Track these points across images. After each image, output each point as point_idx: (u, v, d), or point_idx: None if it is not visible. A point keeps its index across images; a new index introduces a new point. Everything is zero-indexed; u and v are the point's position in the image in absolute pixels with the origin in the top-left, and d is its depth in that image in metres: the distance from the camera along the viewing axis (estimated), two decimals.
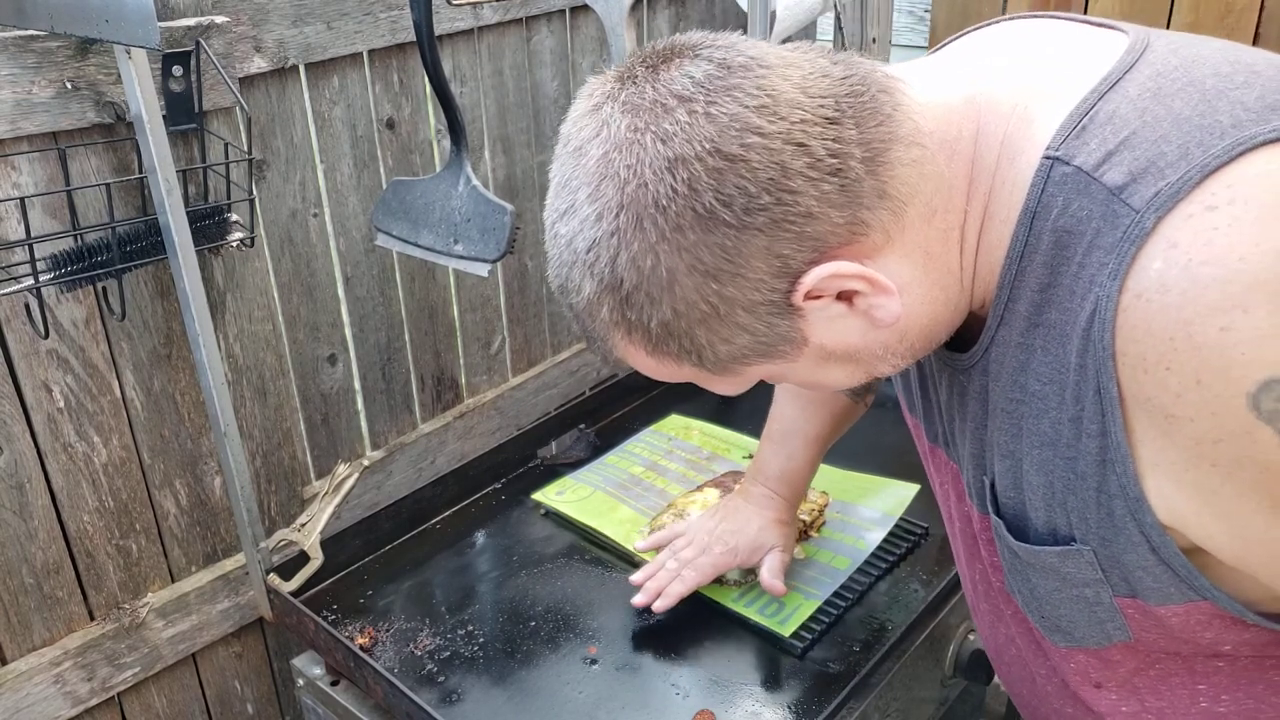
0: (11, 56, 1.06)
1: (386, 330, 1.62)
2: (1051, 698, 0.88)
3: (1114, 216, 0.60)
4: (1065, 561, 0.73)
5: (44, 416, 1.21)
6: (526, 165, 1.77)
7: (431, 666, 1.18)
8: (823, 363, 0.73)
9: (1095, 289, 0.61)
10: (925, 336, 0.73)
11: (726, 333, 0.68)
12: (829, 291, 0.67)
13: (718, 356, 0.71)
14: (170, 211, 1.05)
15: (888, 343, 0.71)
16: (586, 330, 0.74)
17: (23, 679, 1.24)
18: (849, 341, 0.71)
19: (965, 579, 0.96)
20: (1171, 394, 0.59)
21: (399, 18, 1.44)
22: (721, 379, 0.76)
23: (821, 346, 0.71)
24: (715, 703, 1.11)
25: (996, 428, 0.75)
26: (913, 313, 0.70)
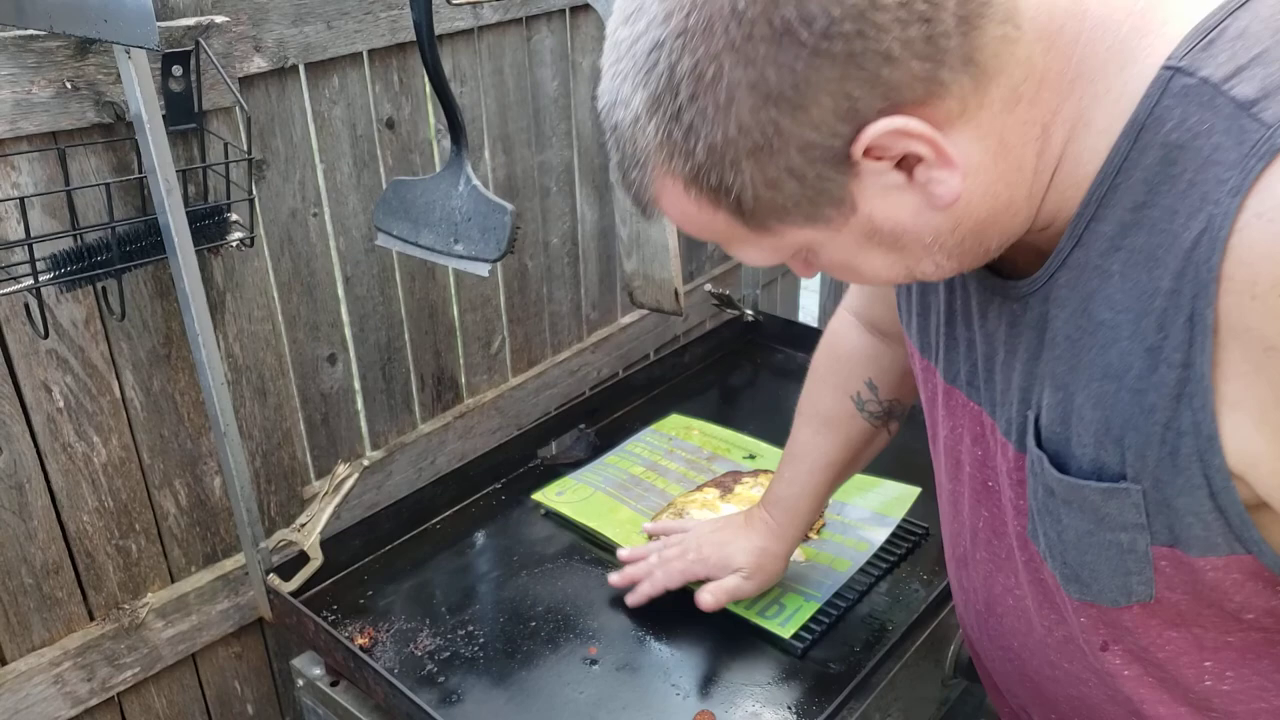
0: (11, 56, 1.06)
1: (386, 330, 1.62)
2: (1049, 650, 0.85)
3: (1241, 132, 0.57)
4: (1108, 500, 0.70)
5: (43, 416, 1.21)
6: (526, 165, 1.77)
7: (431, 667, 1.18)
8: (865, 242, 0.69)
9: (1208, 207, 0.58)
10: (977, 236, 0.69)
11: (774, 173, 0.63)
12: (890, 152, 0.62)
13: (759, 203, 0.65)
14: (170, 211, 1.05)
15: (939, 230, 0.67)
16: (625, 158, 0.69)
17: (22, 679, 1.24)
18: (899, 219, 0.66)
19: (961, 528, 0.93)
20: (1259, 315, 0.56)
21: (399, 17, 1.44)
22: (755, 239, 0.70)
23: (869, 219, 0.66)
24: (715, 703, 1.11)
25: (1053, 358, 0.71)
26: (972, 202, 0.66)
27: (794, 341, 1.91)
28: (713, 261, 2.32)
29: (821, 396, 1.21)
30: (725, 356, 1.92)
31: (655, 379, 1.81)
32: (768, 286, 2.53)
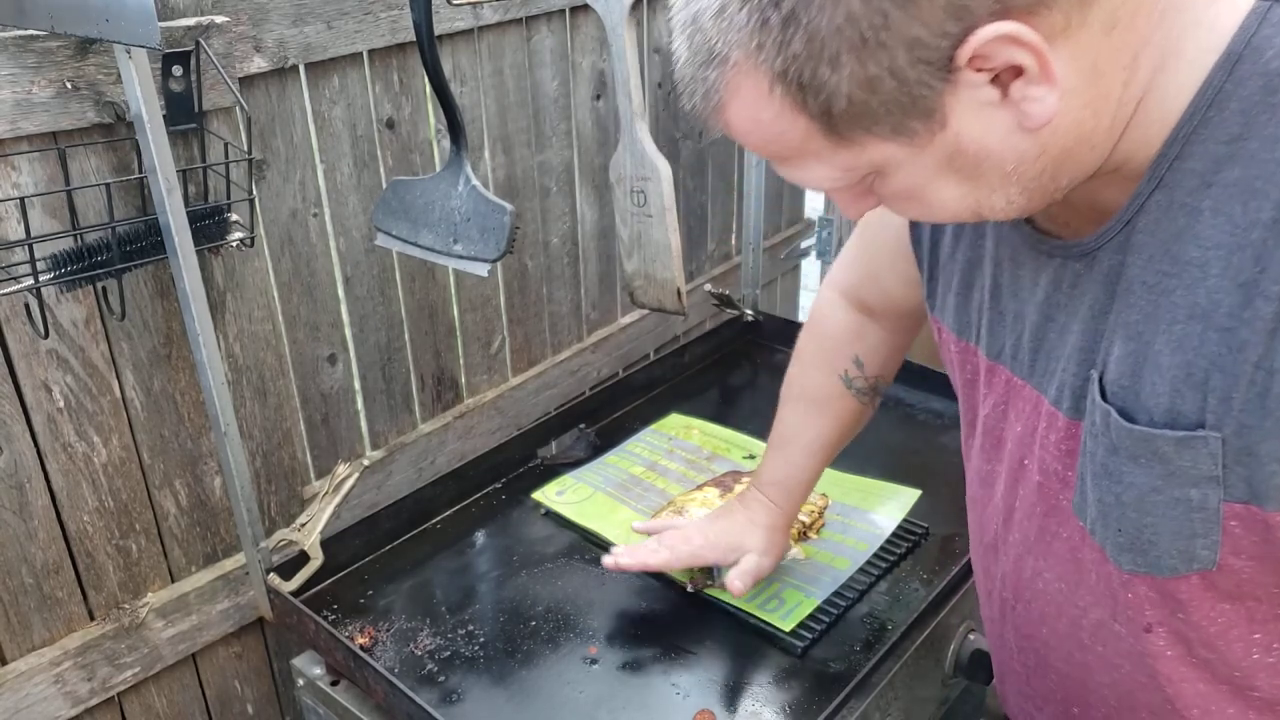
0: (11, 56, 1.06)
1: (386, 330, 1.62)
2: (1081, 634, 0.84)
3: None
4: (1182, 451, 0.67)
5: (44, 416, 1.21)
6: (526, 165, 1.77)
7: (431, 666, 1.18)
8: (944, 167, 0.66)
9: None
10: (1054, 170, 0.67)
11: (875, 71, 0.60)
12: (992, 62, 0.60)
13: (850, 107, 0.62)
14: (170, 211, 1.05)
15: (1022, 156, 0.65)
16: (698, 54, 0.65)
17: (23, 679, 1.24)
18: (985, 141, 0.64)
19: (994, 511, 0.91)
20: None
21: (399, 17, 1.44)
22: (829, 153, 0.67)
23: (956, 138, 0.64)
24: (715, 703, 1.11)
25: (1126, 307, 0.70)
26: (1059, 128, 0.64)
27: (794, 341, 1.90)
28: (713, 261, 2.32)
29: (809, 377, 1.21)
30: (725, 356, 1.92)
31: (655, 379, 1.81)
32: (768, 286, 2.53)
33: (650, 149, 1.48)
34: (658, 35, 2.00)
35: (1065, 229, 0.75)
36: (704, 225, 2.26)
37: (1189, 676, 0.77)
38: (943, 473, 1.49)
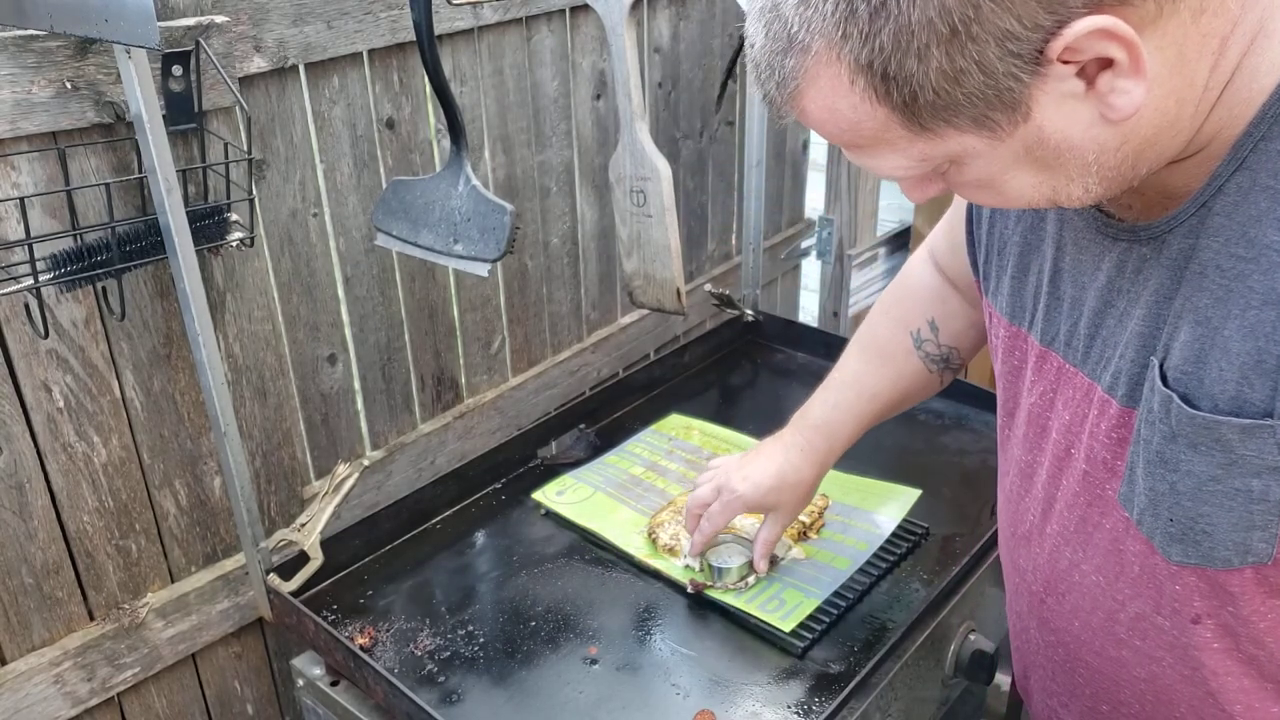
0: (11, 56, 1.06)
1: (386, 330, 1.62)
2: (1118, 628, 0.83)
3: None
4: (1246, 439, 0.66)
5: (44, 416, 1.21)
6: (526, 165, 1.77)
7: (431, 666, 1.18)
8: (1023, 157, 0.65)
9: None
10: (1135, 158, 0.66)
11: (963, 64, 0.59)
12: (1083, 55, 0.59)
13: (935, 98, 0.61)
14: (170, 211, 1.05)
15: (1104, 147, 0.64)
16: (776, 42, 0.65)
17: (22, 679, 1.24)
18: (1068, 133, 0.63)
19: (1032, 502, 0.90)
20: None
21: (399, 17, 1.44)
22: (907, 143, 0.66)
23: (1039, 130, 0.63)
24: (715, 703, 1.11)
25: (1195, 291, 0.69)
26: (1143, 118, 0.63)
27: (794, 341, 1.91)
28: (713, 261, 2.32)
29: (881, 327, 1.19)
30: (725, 356, 1.92)
31: (655, 379, 1.81)
32: (768, 286, 2.53)
33: (650, 149, 1.48)
34: (658, 35, 2.00)
35: (1130, 212, 0.74)
36: (704, 225, 2.26)
37: (1234, 670, 0.76)
38: (943, 473, 1.49)
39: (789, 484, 1.19)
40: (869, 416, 1.18)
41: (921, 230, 2.74)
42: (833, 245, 2.64)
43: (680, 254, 1.53)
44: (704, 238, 2.27)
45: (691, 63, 2.08)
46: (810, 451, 1.19)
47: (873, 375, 1.17)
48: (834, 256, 2.65)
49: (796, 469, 1.19)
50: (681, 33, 2.04)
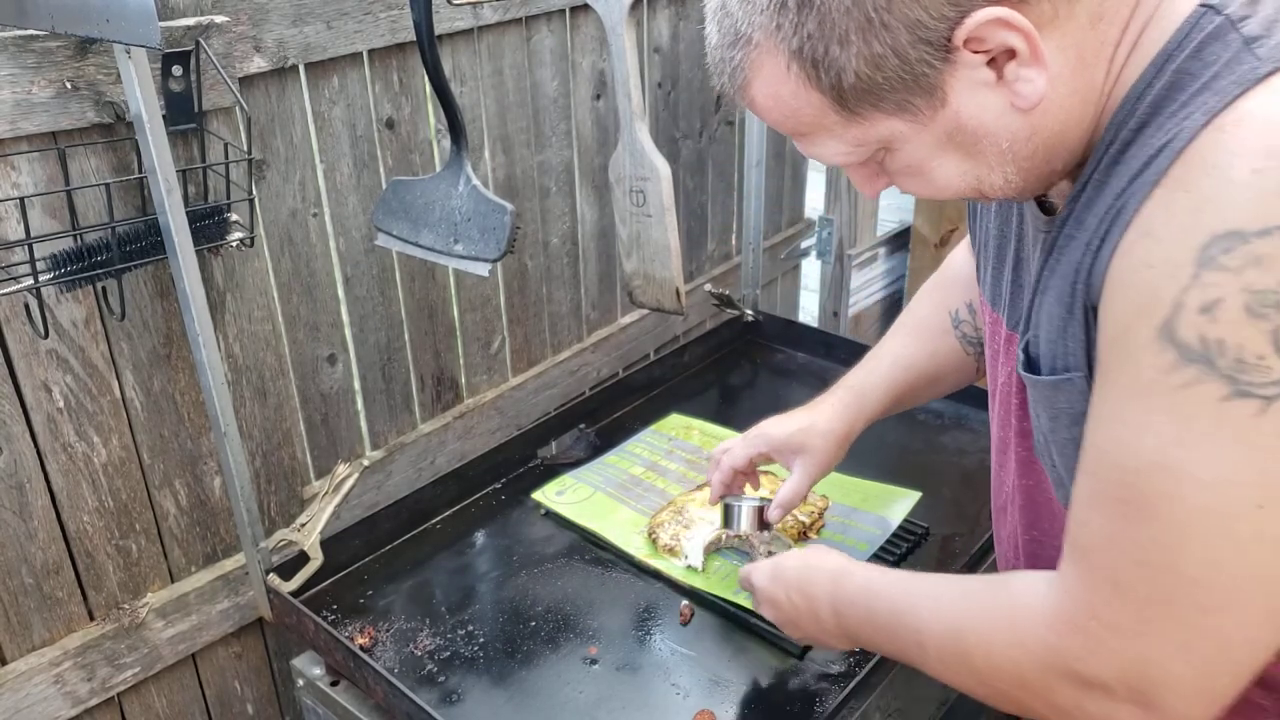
0: (11, 56, 1.06)
1: (386, 330, 1.62)
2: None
3: (1238, 64, 0.61)
4: (1058, 393, 0.75)
5: (44, 416, 1.21)
6: (526, 165, 1.77)
7: (431, 666, 1.18)
8: (945, 143, 0.72)
9: (1185, 124, 0.62)
10: (1047, 152, 0.72)
11: (879, 49, 0.67)
12: (987, 45, 0.66)
13: (858, 82, 0.69)
14: (170, 211, 1.05)
15: (1015, 135, 0.71)
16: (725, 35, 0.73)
17: (22, 679, 1.24)
18: (982, 119, 0.70)
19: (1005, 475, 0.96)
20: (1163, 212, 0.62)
21: (399, 17, 1.44)
22: (841, 128, 0.73)
23: (956, 115, 0.70)
24: (715, 703, 1.11)
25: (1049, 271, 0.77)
26: (1049, 111, 0.69)
27: (794, 341, 1.91)
28: (713, 261, 2.32)
29: (921, 307, 1.23)
30: (725, 356, 1.92)
31: (655, 379, 1.81)
32: (768, 286, 2.53)
33: (649, 149, 1.48)
34: (658, 35, 2.00)
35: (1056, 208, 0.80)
36: (704, 225, 2.26)
37: None
38: (943, 473, 1.49)
39: (818, 431, 1.20)
40: (903, 385, 1.21)
41: (921, 230, 2.74)
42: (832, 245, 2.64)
43: (680, 254, 1.53)
44: (704, 238, 2.27)
45: (691, 63, 2.08)
46: (841, 407, 1.22)
47: (909, 348, 1.21)
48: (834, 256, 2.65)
49: (826, 419, 1.21)
50: (681, 33, 2.04)
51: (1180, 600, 0.65)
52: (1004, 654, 0.76)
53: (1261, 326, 0.58)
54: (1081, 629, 0.70)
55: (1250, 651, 0.66)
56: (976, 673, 0.80)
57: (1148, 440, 0.64)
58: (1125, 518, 0.66)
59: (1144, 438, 0.64)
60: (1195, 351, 0.61)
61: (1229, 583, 0.63)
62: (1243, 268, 0.58)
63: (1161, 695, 0.67)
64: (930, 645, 0.84)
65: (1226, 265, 0.59)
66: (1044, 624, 0.73)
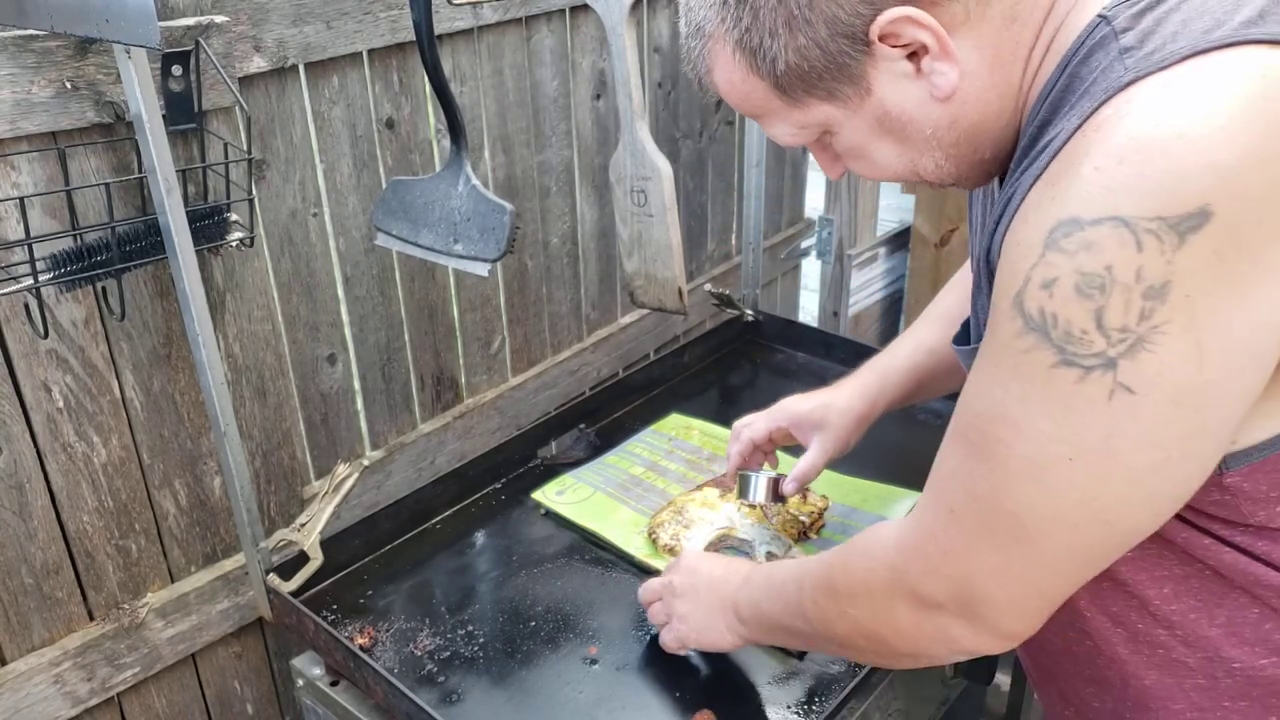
0: (11, 56, 1.06)
1: (386, 330, 1.62)
2: None
3: (1110, 72, 0.67)
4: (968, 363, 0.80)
5: (43, 416, 1.21)
6: (526, 165, 1.77)
7: (431, 666, 1.18)
8: (876, 129, 0.80)
9: (1065, 124, 0.69)
10: (971, 140, 0.79)
11: (803, 42, 0.75)
12: (901, 40, 0.73)
13: (789, 71, 0.77)
14: (170, 211, 1.05)
15: (938, 123, 0.78)
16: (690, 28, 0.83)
17: (22, 679, 1.24)
18: (905, 107, 0.77)
19: None
20: (1035, 198, 0.68)
21: (399, 17, 1.44)
22: (785, 111, 0.81)
23: (881, 103, 0.78)
24: (715, 703, 1.11)
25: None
26: (967, 103, 0.76)
27: (794, 341, 1.91)
28: (713, 261, 2.32)
29: (947, 296, 1.28)
30: (725, 356, 1.92)
31: (655, 379, 1.81)
32: (768, 286, 2.53)
33: (650, 148, 1.48)
34: (658, 35, 2.00)
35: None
36: (704, 225, 2.26)
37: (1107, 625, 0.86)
38: None
39: (837, 408, 1.25)
40: (925, 370, 1.25)
41: (921, 230, 2.74)
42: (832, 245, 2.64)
43: (681, 253, 1.53)
44: (704, 238, 2.27)
45: None
46: (862, 388, 1.26)
47: (932, 333, 1.24)
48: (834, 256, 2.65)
49: (846, 398, 1.26)
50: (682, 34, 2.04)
51: (999, 530, 0.74)
52: (860, 578, 0.87)
53: (1087, 305, 0.65)
54: (920, 551, 0.80)
55: (1054, 580, 0.76)
56: (839, 609, 0.89)
57: (995, 393, 0.72)
58: (967, 455, 0.76)
59: (993, 390, 0.72)
60: (1035, 322, 0.68)
61: (1039, 520, 0.72)
62: (1076, 251, 0.65)
63: (984, 610, 0.78)
64: (806, 585, 0.95)
65: (1065, 248, 0.65)
66: (893, 547, 0.84)
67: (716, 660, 1.17)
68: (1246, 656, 0.79)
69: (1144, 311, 0.63)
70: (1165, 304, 0.63)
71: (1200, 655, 0.81)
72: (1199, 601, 0.80)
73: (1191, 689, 0.83)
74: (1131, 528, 0.73)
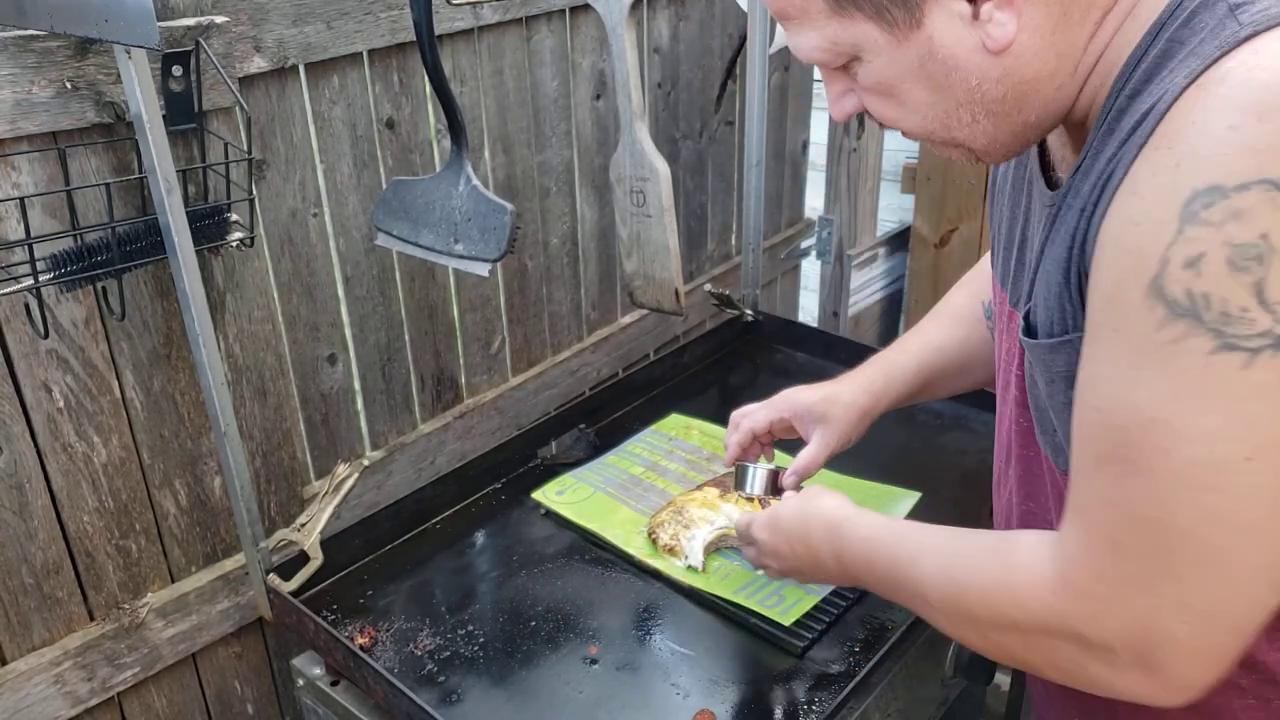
0: (11, 56, 1.06)
1: (386, 330, 1.62)
2: None
3: (1221, 29, 0.62)
4: (1056, 355, 0.76)
5: (44, 416, 1.21)
6: (526, 165, 1.77)
7: (431, 666, 1.18)
8: (917, 69, 0.74)
9: (1170, 88, 0.63)
10: (1018, 100, 0.74)
11: None
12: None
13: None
14: (170, 211, 1.05)
15: (985, 75, 0.72)
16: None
17: (22, 679, 1.24)
18: (954, 51, 0.72)
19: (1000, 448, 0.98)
20: (1148, 170, 0.63)
21: (399, 17, 1.44)
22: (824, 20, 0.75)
23: (930, 40, 0.72)
24: (715, 703, 1.11)
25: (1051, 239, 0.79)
26: (1022, 57, 0.71)
27: (794, 341, 1.91)
28: (713, 261, 2.32)
29: (956, 295, 1.25)
30: (725, 356, 1.92)
31: (655, 379, 1.81)
32: (768, 286, 2.53)
33: (649, 149, 1.48)
34: (658, 35, 2.00)
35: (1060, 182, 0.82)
36: (704, 225, 2.26)
37: None
38: (943, 474, 1.49)
39: (841, 402, 1.21)
40: (931, 369, 1.22)
41: (921, 231, 2.74)
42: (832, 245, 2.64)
43: (679, 254, 1.53)
44: (704, 238, 2.28)
45: (691, 63, 2.08)
46: (866, 383, 1.22)
47: (940, 331, 1.22)
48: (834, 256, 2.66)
49: (850, 392, 1.22)
50: (681, 33, 2.04)
51: (1175, 555, 0.65)
52: (1007, 615, 0.77)
53: (1243, 279, 0.59)
54: (1085, 592, 0.70)
55: (1248, 608, 0.66)
56: (981, 633, 0.81)
57: (1140, 396, 0.64)
58: (1120, 475, 0.67)
59: (1136, 393, 0.64)
60: (1183, 306, 0.61)
61: (1221, 536, 0.64)
62: (1223, 222, 0.59)
63: (1163, 656, 0.67)
64: (934, 601, 0.86)
65: (1208, 220, 0.59)
66: (1046, 588, 0.73)
67: (716, 660, 1.17)
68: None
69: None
70: None
71: (1255, 678, 0.77)
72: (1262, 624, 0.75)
73: (1240, 709, 0.79)
74: None
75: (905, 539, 0.92)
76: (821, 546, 1.02)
